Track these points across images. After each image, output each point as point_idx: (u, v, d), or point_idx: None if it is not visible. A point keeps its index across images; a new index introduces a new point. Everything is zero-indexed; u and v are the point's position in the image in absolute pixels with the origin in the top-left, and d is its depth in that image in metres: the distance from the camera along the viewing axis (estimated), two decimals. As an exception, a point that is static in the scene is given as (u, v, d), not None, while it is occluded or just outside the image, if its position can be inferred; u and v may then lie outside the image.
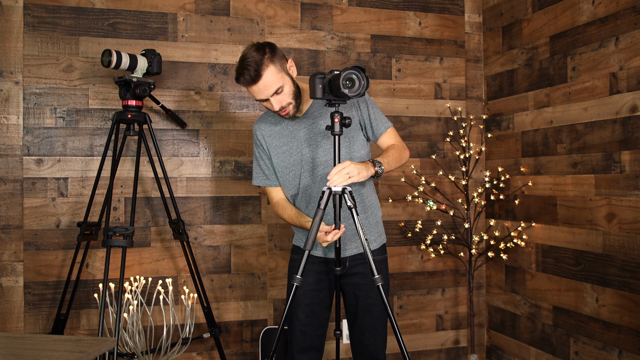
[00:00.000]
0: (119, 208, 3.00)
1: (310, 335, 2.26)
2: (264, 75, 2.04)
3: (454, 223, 3.48)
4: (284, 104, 2.12)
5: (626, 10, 2.58)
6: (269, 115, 2.31)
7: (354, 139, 2.23)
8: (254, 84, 2.06)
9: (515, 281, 3.31)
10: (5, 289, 2.84)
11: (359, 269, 2.24)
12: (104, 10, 2.98)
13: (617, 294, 2.63)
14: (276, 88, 2.08)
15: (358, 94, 1.98)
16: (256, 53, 2.05)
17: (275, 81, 2.07)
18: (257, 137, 2.30)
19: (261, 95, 2.09)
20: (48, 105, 2.91)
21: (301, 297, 2.25)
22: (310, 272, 2.26)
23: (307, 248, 1.97)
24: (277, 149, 2.25)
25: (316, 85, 2.00)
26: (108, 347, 1.60)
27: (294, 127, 2.24)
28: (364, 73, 1.97)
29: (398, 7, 3.43)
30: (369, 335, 2.25)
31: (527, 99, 3.19)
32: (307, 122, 2.23)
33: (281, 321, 2.00)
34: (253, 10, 3.20)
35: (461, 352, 3.54)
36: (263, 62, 2.04)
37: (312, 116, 2.23)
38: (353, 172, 1.96)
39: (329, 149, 2.19)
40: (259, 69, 2.03)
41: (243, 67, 2.05)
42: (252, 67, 2.03)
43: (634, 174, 2.55)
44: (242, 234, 3.17)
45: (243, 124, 3.18)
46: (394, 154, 2.21)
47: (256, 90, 2.08)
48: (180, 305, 3.04)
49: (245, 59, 2.05)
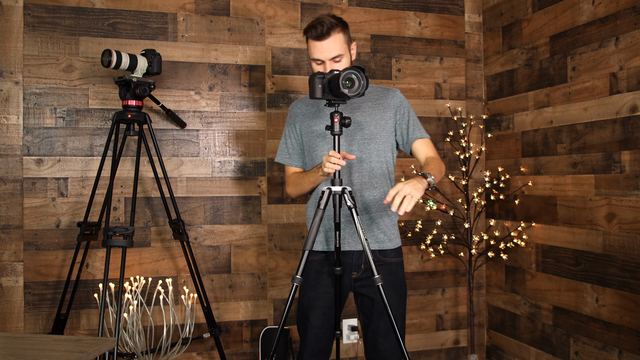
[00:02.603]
0: (119, 208, 3.00)
1: (322, 339, 2.24)
2: (332, 36, 2.13)
3: (454, 223, 3.48)
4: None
5: (626, 10, 2.58)
6: (306, 99, 2.36)
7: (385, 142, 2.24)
8: (321, 40, 2.13)
9: (515, 281, 3.31)
10: (5, 289, 2.84)
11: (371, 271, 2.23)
12: (104, 10, 2.98)
13: (617, 294, 2.63)
14: (337, 54, 2.15)
15: (358, 94, 1.99)
16: (333, 18, 2.16)
17: (339, 48, 2.15)
18: (291, 115, 2.35)
19: (321, 55, 2.14)
20: (48, 105, 2.91)
21: (314, 300, 2.22)
22: (324, 274, 2.24)
23: (307, 248, 1.96)
24: (310, 131, 2.28)
25: (316, 85, 2.02)
26: (108, 347, 1.60)
27: (329, 112, 2.25)
28: (363, 73, 1.99)
29: (398, 7, 3.43)
30: (383, 340, 2.22)
31: (527, 99, 3.19)
32: (345, 110, 2.25)
33: (281, 321, 2.00)
34: (253, 10, 3.20)
35: (461, 352, 3.54)
36: (337, 26, 2.15)
37: (350, 106, 2.25)
38: (410, 191, 1.91)
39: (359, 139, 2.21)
40: (331, 28, 2.13)
41: (317, 22, 2.13)
42: (325, 24, 2.12)
43: (634, 174, 2.55)
44: (242, 234, 3.17)
45: (243, 124, 3.18)
46: (436, 166, 2.19)
47: (319, 47, 2.14)
48: (180, 305, 3.04)
49: (321, 18, 2.15)
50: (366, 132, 2.23)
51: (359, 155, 2.22)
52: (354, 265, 2.23)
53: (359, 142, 2.22)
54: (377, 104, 2.27)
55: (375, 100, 2.28)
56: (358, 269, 2.23)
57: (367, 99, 2.28)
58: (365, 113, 2.25)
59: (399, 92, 2.32)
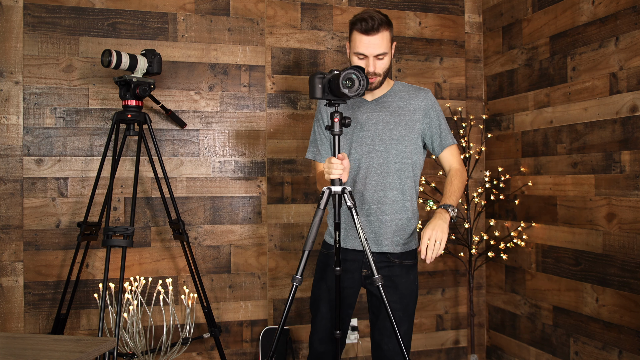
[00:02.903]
0: (119, 208, 3.00)
1: (331, 328, 2.28)
2: (381, 32, 2.13)
3: (454, 223, 3.48)
4: (378, 71, 2.17)
5: (626, 10, 2.58)
6: None
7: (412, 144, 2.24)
8: (369, 35, 2.12)
9: (515, 281, 3.31)
10: (5, 289, 2.84)
11: (384, 272, 2.24)
12: (104, 10, 2.98)
13: (617, 294, 2.63)
14: (382, 51, 2.15)
15: (358, 94, 2.00)
16: (382, 15, 2.15)
17: (385, 45, 2.15)
18: (320, 112, 2.35)
19: (367, 50, 2.13)
20: (48, 105, 2.91)
21: (325, 292, 2.29)
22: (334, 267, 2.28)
23: (307, 248, 1.97)
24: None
25: (316, 85, 2.02)
26: (108, 347, 1.60)
27: (360, 109, 2.27)
28: (363, 73, 1.99)
29: (398, 7, 3.43)
30: (388, 340, 2.24)
31: (527, 99, 3.19)
32: (373, 108, 2.25)
33: (281, 321, 2.00)
34: (253, 10, 3.20)
35: (461, 352, 3.54)
36: (386, 23, 2.15)
37: (379, 106, 2.26)
38: (439, 237, 2.01)
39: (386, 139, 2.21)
40: (380, 25, 2.12)
41: (367, 15, 2.12)
42: (376, 20, 2.11)
43: (634, 174, 2.55)
44: (242, 234, 3.17)
45: (243, 124, 3.18)
46: (457, 186, 2.22)
47: (366, 42, 2.13)
48: (180, 305, 3.04)
49: (370, 12, 2.14)
50: (394, 132, 2.22)
51: (386, 155, 2.22)
52: (363, 263, 2.25)
53: (386, 142, 2.22)
54: (407, 105, 2.26)
55: (405, 100, 2.27)
56: (368, 266, 2.24)
57: (396, 98, 2.27)
58: (394, 113, 2.24)
59: (430, 94, 2.30)
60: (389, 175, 2.22)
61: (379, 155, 2.22)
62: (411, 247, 2.29)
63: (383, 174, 2.22)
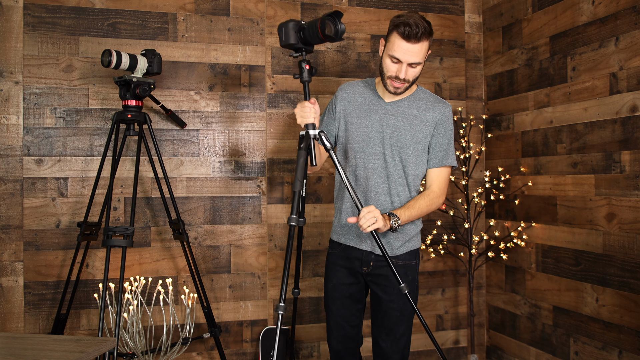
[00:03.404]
0: (119, 208, 3.00)
1: (343, 326, 2.33)
2: (422, 42, 2.09)
3: (454, 223, 3.48)
4: (408, 78, 2.15)
5: (626, 10, 2.58)
6: (358, 86, 2.35)
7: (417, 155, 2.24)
8: (411, 42, 2.07)
9: (515, 281, 3.31)
10: (5, 289, 2.84)
11: (383, 271, 2.26)
12: (104, 10, 2.98)
13: (617, 294, 2.63)
14: (418, 60, 2.12)
15: (336, 37, 1.99)
16: (426, 22, 2.10)
17: (422, 55, 2.12)
18: (336, 99, 2.34)
19: (404, 56, 2.10)
20: (48, 105, 2.91)
21: (332, 290, 2.35)
22: (339, 266, 2.34)
23: (296, 189, 1.97)
24: (349, 118, 2.29)
25: (290, 31, 2.03)
26: (108, 347, 1.60)
27: (375, 107, 2.27)
28: (339, 19, 1.99)
29: (398, 7, 3.43)
30: (385, 338, 2.28)
31: (527, 99, 3.19)
32: (388, 110, 2.25)
33: (279, 321, 2.00)
34: (253, 10, 3.20)
35: (461, 352, 3.54)
36: (429, 33, 2.10)
37: (394, 110, 2.25)
38: (379, 217, 2.04)
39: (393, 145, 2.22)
40: (424, 34, 2.08)
41: (413, 22, 2.06)
42: (420, 28, 2.06)
43: (634, 174, 2.55)
44: (242, 234, 3.17)
45: (243, 124, 3.18)
46: (422, 204, 2.20)
47: (405, 48, 2.09)
48: (180, 305, 3.04)
49: (416, 18, 2.07)
50: (400, 140, 2.22)
51: (389, 160, 2.22)
52: (363, 261, 2.29)
53: (391, 148, 2.22)
54: (422, 115, 2.24)
55: (421, 110, 2.25)
56: (368, 265, 2.29)
57: (414, 106, 2.25)
58: (407, 121, 2.23)
59: (448, 109, 2.27)
60: (386, 180, 2.24)
61: (383, 159, 2.23)
62: (411, 247, 2.30)
63: (380, 178, 2.24)
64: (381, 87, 2.28)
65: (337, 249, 2.36)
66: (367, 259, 2.28)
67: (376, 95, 2.29)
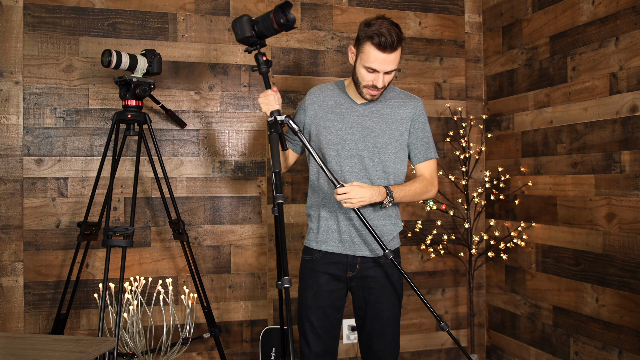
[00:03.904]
0: (119, 208, 3.00)
1: (323, 338, 2.23)
2: (397, 51, 2.09)
3: (454, 223, 3.48)
4: (385, 85, 2.15)
5: (626, 10, 2.58)
6: (327, 89, 2.32)
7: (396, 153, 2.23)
8: (386, 52, 2.07)
9: (515, 281, 3.31)
10: (5, 289, 2.84)
11: (370, 272, 2.23)
12: (104, 10, 2.98)
13: (617, 294, 2.63)
14: (393, 68, 2.12)
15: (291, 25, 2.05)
16: (398, 29, 2.09)
17: (398, 61, 2.12)
18: (305, 103, 2.32)
19: (380, 66, 2.09)
20: (48, 105, 2.91)
21: (312, 299, 2.23)
22: (320, 273, 2.25)
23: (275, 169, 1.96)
24: (320, 122, 2.26)
25: (245, 25, 2.09)
26: (108, 347, 1.60)
27: (348, 110, 2.25)
28: (289, 10, 2.05)
29: (398, 7, 3.43)
30: (377, 341, 2.22)
31: (527, 99, 3.19)
32: (361, 112, 2.24)
33: (281, 322, 2.01)
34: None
35: (461, 352, 3.54)
36: (402, 40, 2.10)
37: (368, 111, 2.24)
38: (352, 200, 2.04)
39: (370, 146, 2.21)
40: (399, 43, 2.08)
41: (386, 31, 2.05)
42: (395, 37, 2.05)
43: (634, 174, 2.55)
44: (242, 234, 3.17)
45: (243, 124, 3.18)
46: (417, 187, 2.22)
47: (382, 59, 2.08)
48: (180, 305, 3.04)
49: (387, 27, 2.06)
50: (378, 140, 2.21)
51: (367, 162, 2.21)
52: (349, 265, 2.24)
53: (369, 149, 2.21)
54: (396, 113, 2.24)
55: (394, 108, 2.25)
56: (353, 268, 2.24)
57: (387, 105, 2.25)
58: (382, 120, 2.23)
59: (420, 103, 2.28)
60: (373, 182, 2.21)
61: (361, 161, 2.20)
62: (395, 245, 2.29)
63: (364, 179, 2.21)
64: (352, 90, 2.26)
65: (316, 255, 2.27)
66: (353, 262, 2.22)
67: (347, 97, 2.27)
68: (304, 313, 2.24)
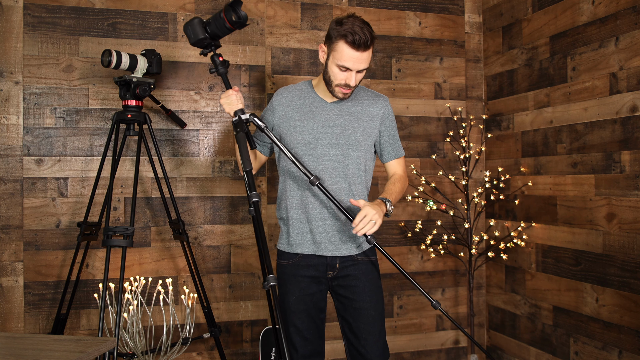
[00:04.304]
0: (119, 208, 3.00)
1: (310, 340, 2.22)
2: (370, 50, 2.10)
3: (454, 223, 3.48)
4: (357, 83, 2.16)
5: (626, 10, 2.58)
6: (295, 90, 2.31)
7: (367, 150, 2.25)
8: (359, 51, 2.07)
9: (515, 281, 3.31)
10: (5, 289, 2.84)
11: (350, 270, 2.21)
12: (104, 10, 2.98)
13: (617, 294, 2.63)
14: (366, 66, 2.13)
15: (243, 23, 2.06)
16: (370, 28, 2.10)
17: (368, 61, 2.13)
18: (273, 104, 2.31)
19: (354, 64, 2.10)
20: (48, 105, 2.91)
21: (295, 304, 2.22)
22: (300, 277, 2.23)
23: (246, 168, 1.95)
24: (290, 122, 2.25)
25: (197, 27, 2.09)
26: (108, 347, 1.60)
27: (318, 109, 2.24)
28: (240, 7, 2.06)
29: (398, 7, 3.43)
30: (365, 342, 2.19)
31: (527, 99, 3.19)
32: (332, 110, 2.23)
33: (273, 322, 1.99)
34: (253, 10, 3.20)
35: (461, 352, 3.54)
36: (374, 40, 2.11)
37: (338, 109, 2.24)
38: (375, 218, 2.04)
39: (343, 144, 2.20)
40: (371, 42, 2.09)
41: (359, 30, 2.05)
42: (368, 35, 2.06)
43: (634, 174, 2.55)
44: (242, 234, 3.17)
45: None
46: (399, 187, 2.26)
47: (356, 57, 2.08)
48: (180, 305, 3.04)
49: (360, 24, 2.07)
50: (352, 138, 2.21)
51: (342, 160, 2.20)
52: (328, 265, 2.21)
53: (343, 147, 2.20)
54: (366, 111, 2.26)
55: (365, 107, 2.27)
56: (333, 268, 2.22)
57: (357, 104, 2.26)
58: (353, 118, 2.23)
59: (388, 102, 2.32)
60: (343, 180, 2.20)
61: (334, 160, 2.19)
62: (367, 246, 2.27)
63: (337, 178, 2.20)
64: (322, 89, 2.25)
65: (294, 259, 2.24)
66: (332, 262, 2.21)
67: (317, 96, 2.26)
68: (288, 318, 2.23)
